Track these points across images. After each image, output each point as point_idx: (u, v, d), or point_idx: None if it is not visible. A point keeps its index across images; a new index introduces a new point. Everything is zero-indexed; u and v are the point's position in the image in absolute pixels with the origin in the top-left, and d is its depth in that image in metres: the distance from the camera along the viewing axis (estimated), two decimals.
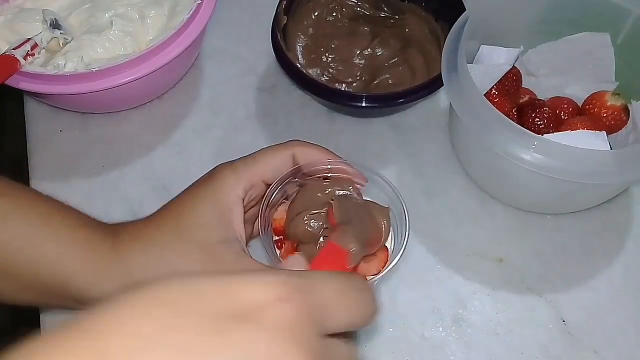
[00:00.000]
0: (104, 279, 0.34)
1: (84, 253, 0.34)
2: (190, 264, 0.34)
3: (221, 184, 0.36)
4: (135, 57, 0.47)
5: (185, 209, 0.36)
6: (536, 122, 0.47)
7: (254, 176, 0.36)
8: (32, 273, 0.34)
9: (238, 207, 0.35)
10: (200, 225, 0.35)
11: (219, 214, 0.35)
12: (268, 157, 0.37)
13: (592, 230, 0.48)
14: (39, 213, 0.35)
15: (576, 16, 0.50)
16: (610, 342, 0.44)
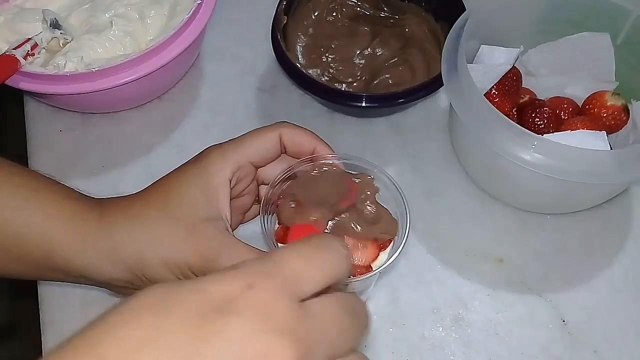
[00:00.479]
0: (89, 250, 0.35)
1: (70, 224, 0.35)
2: (173, 241, 0.35)
3: (209, 165, 0.36)
4: (135, 57, 0.47)
5: (172, 188, 0.36)
6: (536, 122, 0.47)
7: (242, 158, 0.37)
8: (20, 245, 0.35)
9: (224, 188, 0.36)
10: (185, 203, 0.35)
11: (204, 193, 0.36)
12: (256, 139, 0.38)
13: (592, 230, 0.48)
14: (27, 186, 0.36)
15: (576, 16, 0.50)
16: (610, 342, 0.44)
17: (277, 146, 0.38)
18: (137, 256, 0.35)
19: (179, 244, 0.35)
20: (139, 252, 0.35)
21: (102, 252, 0.35)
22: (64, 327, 0.44)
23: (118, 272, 0.35)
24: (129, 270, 0.35)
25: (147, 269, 0.35)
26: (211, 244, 0.35)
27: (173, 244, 0.35)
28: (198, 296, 0.20)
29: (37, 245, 0.35)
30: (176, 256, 0.34)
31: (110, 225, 0.35)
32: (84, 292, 0.45)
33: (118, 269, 0.35)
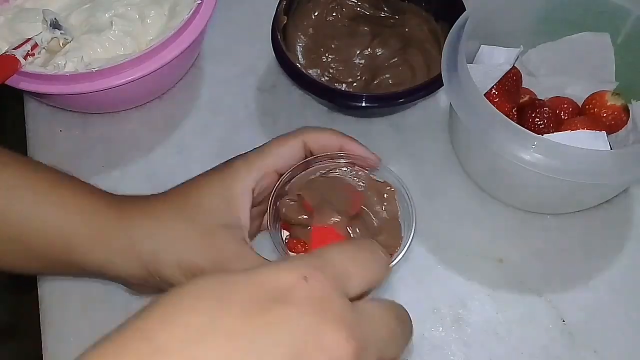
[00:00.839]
0: (107, 246, 0.35)
1: (89, 220, 0.35)
2: (188, 244, 0.35)
3: (232, 173, 0.37)
4: (136, 57, 0.47)
5: (193, 191, 0.37)
6: (536, 122, 0.47)
7: (266, 167, 0.37)
8: (39, 241, 0.35)
9: (246, 196, 0.36)
10: (205, 207, 0.35)
11: (225, 200, 0.36)
12: (279, 147, 0.38)
13: (592, 230, 0.48)
14: (45, 182, 0.36)
15: (576, 16, 0.50)
16: (610, 342, 0.44)
17: (301, 153, 0.38)
18: (153, 255, 0.35)
19: (193, 247, 0.35)
20: (155, 252, 0.35)
21: (119, 249, 0.35)
22: (64, 327, 0.44)
23: (133, 269, 0.35)
24: (144, 267, 0.35)
25: (161, 269, 0.35)
26: (225, 251, 0.34)
27: (188, 247, 0.35)
28: (254, 286, 0.20)
29: (56, 241, 0.35)
30: (189, 259, 0.34)
31: (128, 222, 0.35)
32: (84, 292, 0.45)
33: (134, 266, 0.35)
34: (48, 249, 0.35)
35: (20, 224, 0.35)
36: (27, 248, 0.35)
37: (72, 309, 0.45)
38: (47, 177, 0.36)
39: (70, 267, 0.36)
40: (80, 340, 0.43)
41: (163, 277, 0.35)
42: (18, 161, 0.37)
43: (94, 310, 0.45)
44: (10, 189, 0.35)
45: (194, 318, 0.19)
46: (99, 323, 0.44)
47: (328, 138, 0.39)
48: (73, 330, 0.44)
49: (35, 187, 0.36)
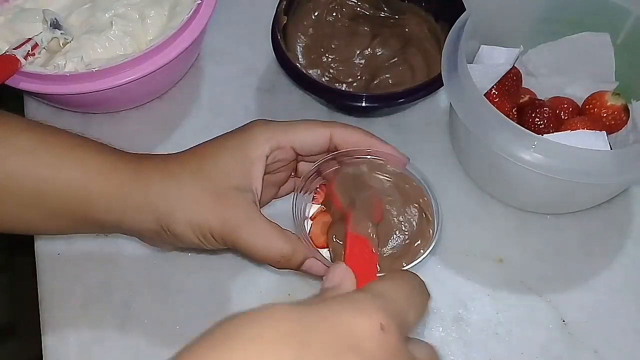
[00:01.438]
0: (125, 199, 0.36)
1: (108, 177, 0.36)
2: (200, 203, 0.36)
3: (251, 137, 0.37)
4: (136, 57, 0.47)
5: (209, 153, 0.37)
6: (536, 122, 0.47)
7: (285, 140, 0.38)
8: (58, 200, 0.36)
9: (260, 162, 0.37)
10: (219, 169, 0.36)
11: (240, 163, 0.36)
12: (305, 128, 0.39)
13: (592, 230, 0.48)
14: (63, 144, 0.37)
15: (576, 16, 0.50)
16: (610, 342, 0.44)
17: (325, 143, 0.39)
18: (166, 210, 0.36)
19: (205, 207, 0.35)
20: (168, 207, 0.36)
21: (135, 204, 0.36)
22: (64, 327, 0.44)
23: (148, 223, 0.36)
24: (158, 222, 0.36)
25: (172, 225, 0.36)
26: (235, 213, 0.35)
27: (199, 206, 0.35)
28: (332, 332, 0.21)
29: (76, 199, 0.36)
30: (200, 218, 0.35)
31: (145, 177, 0.36)
32: (84, 292, 0.45)
33: (148, 219, 0.36)
34: (67, 208, 0.36)
35: (39, 185, 0.36)
36: (47, 208, 0.36)
37: (72, 309, 0.45)
38: (65, 139, 0.37)
39: (88, 224, 0.37)
40: (80, 340, 0.44)
41: (174, 233, 0.36)
42: (35, 126, 0.38)
43: (94, 310, 0.45)
44: (28, 152, 0.36)
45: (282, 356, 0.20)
46: (99, 323, 0.44)
47: (359, 136, 0.39)
48: (73, 330, 0.44)
49: (53, 149, 0.36)
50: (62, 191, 0.36)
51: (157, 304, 0.45)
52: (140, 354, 0.43)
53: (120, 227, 0.37)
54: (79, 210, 0.36)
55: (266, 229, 0.36)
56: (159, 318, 0.44)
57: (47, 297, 0.45)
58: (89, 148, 0.37)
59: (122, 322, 0.44)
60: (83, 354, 0.43)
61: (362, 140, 0.39)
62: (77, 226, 0.38)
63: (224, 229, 0.35)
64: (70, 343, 0.43)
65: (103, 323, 0.44)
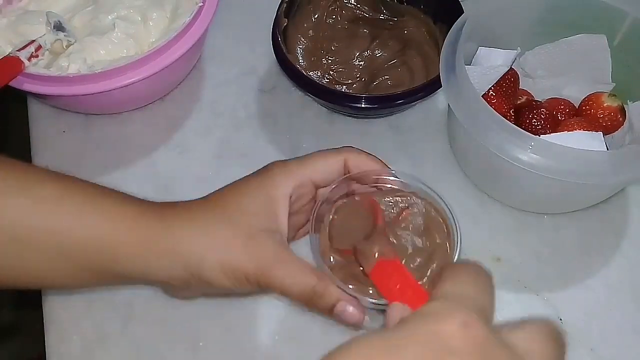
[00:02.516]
0: (151, 249, 0.35)
1: (132, 225, 0.35)
2: (232, 246, 0.35)
3: (272, 178, 0.37)
4: (138, 59, 0.48)
5: (233, 197, 0.37)
6: (533, 123, 0.48)
7: (304, 176, 0.38)
8: (83, 252, 0.35)
9: (284, 201, 0.37)
10: (246, 212, 0.36)
11: (265, 204, 0.36)
12: (320, 159, 0.39)
13: (588, 229, 0.49)
14: (88, 194, 0.36)
15: (573, 18, 0.50)
16: (606, 341, 0.44)
17: (341, 170, 0.39)
18: (196, 257, 0.35)
19: (237, 250, 0.35)
20: (198, 253, 0.35)
21: (163, 251, 0.35)
22: (68, 326, 0.44)
23: (176, 271, 0.35)
24: (187, 269, 0.35)
25: (204, 271, 0.35)
26: (267, 254, 0.35)
27: (231, 249, 0.35)
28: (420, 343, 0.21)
29: (101, 251, 0.35)
30: (233, 261, 0.35)
31: (171, 224, 0.36)
32: (87, 292, 0.46)
33: (177, 268, 0.35)
34: (92, 259, 0.35)
35: (64, 237, 0.35)
36: (71, 261, 0.35)
37: (75, 308, 0.45)
38: (87, 189, 0.37)
39: (113, 276, 0.36)
40: (83, 339, 0.44)
41: (205, 278, 0.35)
42: (57, 176, 0.37)
43: (97, 310, 0.45)
44: (52, 203, 0.35)
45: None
46: (102, 322, 0.45)
47: (369, 163, 0.39)
48: (76, 330, 0.44)
49: (77, 198, 0.36)
50: (86, 244, 0.35)
51: (159, 303, 0.45)
52: (143, 353, 0.43)
53: (146, 277, 0.36)
54: (103, 262, 0.36)
55: (299, 266, 0.35)
56: (162, 317, 0.45)
57: (50, 296, 0.46)
58: (112, 197, 0.37)
59: (125, 322, 0.45)
60: (86, 353, 0.43)
61: (372, 167, 0.39)
62: (100, 280, 0.38)
63: (258, 271, 0.35)
64: (73, 342, 0.44)
65: (106, 322, 0.45)
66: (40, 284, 0.37)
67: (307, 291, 0.35)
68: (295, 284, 0.35)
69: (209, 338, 0.44)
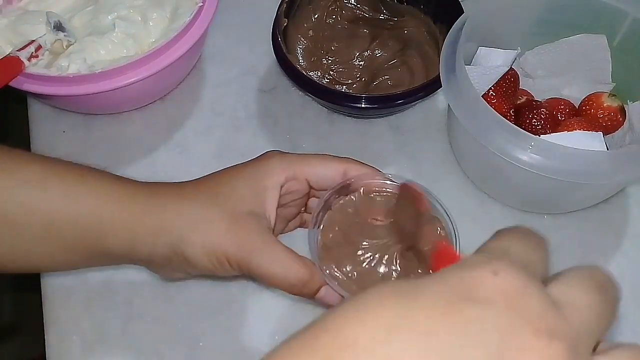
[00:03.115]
0: (137, 224, 0.35)
1: (120, 204, 0.36)
2: (216, 227, 0.35)
3: (265, 166, 0.37)
4: (138, 59, 0.48)
5: (225, 179, 0.38)
6: (533, 123, 0.48)
7: (300, 171, 0.38)
8: (72, 233, 0.35)
9: (274, 190, 0.37)
10: (235, 195, 0.36)
11: (255, 190, 0.37)
12: (320, 161, 0.39)
13: (588, 229, 0.49)
14: (72, 174, 0.36)
15: (573, 18, 0.50)
16: (606, 341, 0.44)
17: (339, 178, 0.39)
18: (180, 233, 0.35)
19: (220, 231, 0.35)
20: (182, 231, 0.35)
21: (148, 227, 0.35)
22: (67, 324, 0.45)
23: (160, 247, 0.36)
24: (170, 246, 0.35)
25: (186, 248, 0.35)
26: (251, 237, 0.35)
27: (215, 230, 0.35)
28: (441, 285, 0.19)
29: (89, 228, 0.35)
30: (215, 242, 0.35)
31: (159, 202, 0.36)
32: (87, 290, 0.46)
33: (161, 243, 0.35)
34: (79, 239, 0.36)
35: (51, 217, 0.35)
36: (58, 241, 0.36)
37: (75, 307, 0.45)
38: (75, 169, 0.37)
39: (98, 255, 0.37)
40: (83, 338, 0.44)
41: (186, 257, 0.35)
42: (42, 157, 0.37)
43: (97, 309, 0.45)
44: (38, 182, 0.35)
45: (384, 313, 0.18)
46: (102, 321, 0.45)
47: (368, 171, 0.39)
48: (76, 328, 0.44)
49: (65, 179, 0.36)
50: (75, 222, 0.35)
51: (159, 303, 0.45)
52: (143, 353, 0.44)
53: (131, 255, 0.36)
54: (90, 240, 0.36)
55: (283, 253, 0.35)
56: (162, 316, 0.45)
57: (50, 296, 0.46)
58: (101, 177, 0.37)
59: (124, 321, 0.45)
60: (86, 352, 0.44)
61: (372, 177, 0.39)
62: (87, 259, 0.38)
63: (239, 253, 0.35)
64: (73, 341, 0.44)
65: (106, 322, 0.45)
66: (27, 266, 0.37)
67: (293, 279, 0.35)
68: (280, 271, 0.35)
69: (209, 338, 0.44)
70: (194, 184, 0.38)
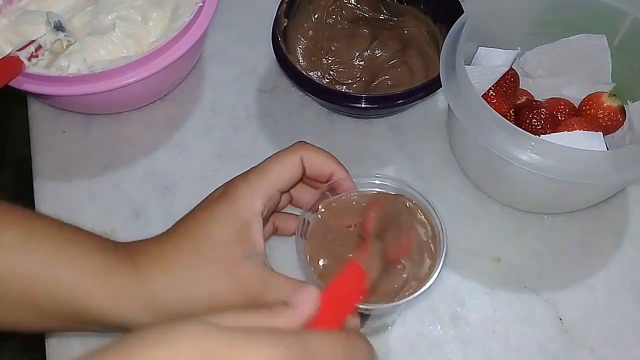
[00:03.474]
0: (126, 304, 0.34)
1: (101, 278, 0.34)
2: (215, 283, 0.34)
3: (238, 199, 0.36)
4: (138, 59, 0.48)
5: (202, 227, 0.36)
6: (533, 123, 0.48)
7: (269, 188, 0.37)
8: (50, 302, 0.34)
9: (257, 221, 0.36)
10: (220, 243, 0.35)
11: (238, 230, 0.35)
12: (278, 165, 0.38)
13: (588, 229, 0.49)
14: (53, 240, 0.35)
15: (573, 18, 0.50)
16: (606, 341, 0.44)
17: (300, 169, 0.38)
18: (181, 304, 0.34)
19: (220, 286, 0.34)
20: (182, 300, 0.34)
21: (141, 305, 0.34)
22: None
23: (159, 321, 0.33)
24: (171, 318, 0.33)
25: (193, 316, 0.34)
26: (252, 282, 0.34)
27: (215, 286, 0.34)
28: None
29: (68, 300, 0.34)
30: (220, 298, 0.34)
31: (146, 277, 0.34)
32: None
33: (159, 319, 0.34)
34: (57, 308, 0.34)
35: (29, 283, 0.33)
36: (35, 308, 0.34)
37: None
38: (54, 233, 0.35)
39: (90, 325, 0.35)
40: (83, 338, 0.44)
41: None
42: (24, 218, 0.35)
43: None
44: (17, 247, 0.34)
45: None
46: None
47: (323, 160, 0.39)
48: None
49: (43, 245, 0.34)
50: (52, 292, 0.33)
51: None
52: None
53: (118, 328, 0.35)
54: (72, 311, 0.34)
55: (286, 286, 0.34)
56: None
57: None
58: (82, 244, 0.35)
59: None
60: (86, 352, 0.43)
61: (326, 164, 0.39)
62: (67, 327, 0.36)
63: (247, 301, 0.34)
64: (73, 344, 0.44)
65: None
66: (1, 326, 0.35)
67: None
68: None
69: None
70: (173, 242, 0.36)
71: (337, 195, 0.39)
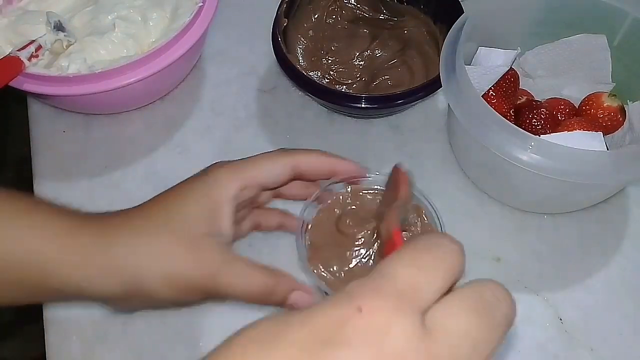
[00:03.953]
0: (85, 264, 0.34)
1: (64, 240, 0.34)
2: (174, 256, 0.34)
3: (214, 181, 0.36)
4: (138, 59, 0.48)
5: (175, 201, 0.36)
6: (533, 123, 0.48)
7: (250, 179, 0.37)
8: (15, 267, 0.34)
9: (229, 205, 0.36)
10: (187, 217, 0.35)
11: (208, 209, 0.35)
12: (265, 162, 0.38)
13: (589, 229, 0.49)
14: (16, 208, 0.35)
15: (573, 18, 0.50)
16: (606, 341, 0.44)
17: (289, 172, 0.38)
18: (135, 269, 0.34)
19: (179, 258, 0.34)
20: (138, 266, 0.34)
21: (97, 266, 0.34)
22: (68, 326, 0.45)
23: (113, 286, 0.34)
24: (125, 284, 0.34)
25: (145, 283, 0.34)
26: (212, 260, 0.34)
27: (174, 258, 0.34)
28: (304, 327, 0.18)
29: (32, 265, 0.34)
30: (176, 271, 0.34)
31: (108, 238, 0.34)
32: None
33: (114, 282, 0.34)
34: (24, 277, 0.34)
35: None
36: (2, 278, 0.34)
37: (75, 308, 0.45)
38: (18, 202, 0.35)
39: (50, 292, 0.35)
40: (83, 338, 0.44)
41: (145, 291, 0.34)
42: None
43: (97, 310, 0.45)
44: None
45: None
46: (102, 322, 0.45)
47: (317, 159, 0.39)
48: (76, 330, 0.44)
49: (8, 214, 0.34)
50: (15, 256, 0.33)
51: None
52: (144, 353, 0.44)
53: (82, 295, 0.35)
54: (35, 277, 0.34)
55: (244, 267, 0.34)
56: (162, 316, 0.45)
57: None
58: (45, 211, 0.35)
59: (125, 321, 0.45)
60: (86, 352, 0.44)
61: (323, 160, 0.39)
62: (33, 296, 0.36)
63: (203, 278, 0.34)
64: (73, 342, 0.44)
65: (106, 322, 0.45)
66: None
67: (259, 290, 0.34)
68: (245, 285, 0.34)
69: (209, 338, 0.44)
70: (143, 213, 0.36)
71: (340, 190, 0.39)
